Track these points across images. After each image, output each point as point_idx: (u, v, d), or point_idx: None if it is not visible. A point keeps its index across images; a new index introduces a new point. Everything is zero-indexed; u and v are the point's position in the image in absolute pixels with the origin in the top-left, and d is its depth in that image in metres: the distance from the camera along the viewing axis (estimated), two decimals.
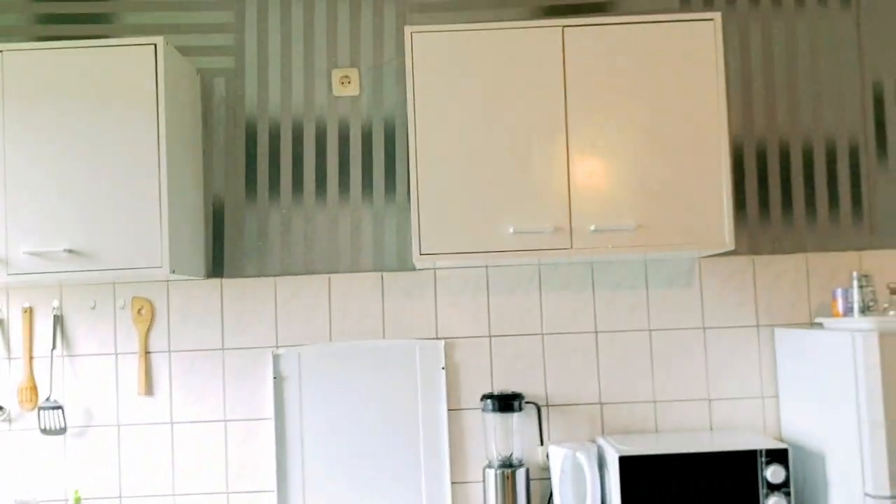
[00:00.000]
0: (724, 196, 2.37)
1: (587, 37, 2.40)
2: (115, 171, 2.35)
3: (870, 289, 2.37)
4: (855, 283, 2.38)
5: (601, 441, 2.57)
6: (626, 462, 2.32)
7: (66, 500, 2.65)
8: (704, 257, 2.71)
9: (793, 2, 2.77)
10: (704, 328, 2.72)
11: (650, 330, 2.72)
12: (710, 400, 2.70)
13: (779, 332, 2.64)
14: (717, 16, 2.40)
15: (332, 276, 2.72)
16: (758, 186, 2.74)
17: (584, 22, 2.40)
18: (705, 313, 2.72)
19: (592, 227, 2.37)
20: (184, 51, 2.75)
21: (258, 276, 2.72)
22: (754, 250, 2.73)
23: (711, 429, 2.69)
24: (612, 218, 2.38)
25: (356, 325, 2.71)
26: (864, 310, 2.36)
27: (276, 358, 2.68)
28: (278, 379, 2.68)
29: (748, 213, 2.73)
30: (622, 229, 2.37)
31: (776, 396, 2.68)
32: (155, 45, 2.36)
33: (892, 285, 2.36)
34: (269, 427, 2.67)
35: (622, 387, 2.70)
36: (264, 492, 2.67)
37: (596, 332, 2.72)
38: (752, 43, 2.76)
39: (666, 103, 2.40)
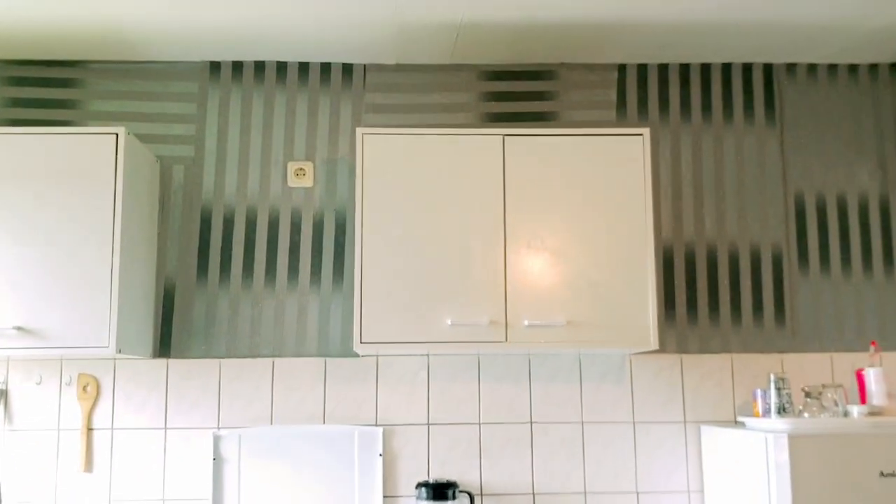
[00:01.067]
0: (650, 298, 2.52)
1: (526, 145, 2.57)
2: (70, 252, 2.43)
3: (786, 391, 2.50)
4: (772, 385, 2.51)
5: None
6: None
7: None
8: (635, 354, 2.84)
9: (721, 117, 2.98)
10: (634, 422, 2.82)
11: (583, 422, 2.82)
12: (638, 493, 2.78)
13: (704, 428, 2.75)
14: (646, 131, 2.59)
15: (277, 359, 2.80)
16: (686, 289, 2.89)
17: (523, 132, 2.58)
18: (635, 408, 2.83)
19: (526, 322, 2.49)
20: (145, 138, 2.88)
21: (204, 357, 2.79)
22: (682, 349, 2.86)
23: None
24: (545, 314, 2.51)
25: (297, 409, 2.78)
26: (780, 411, 2.49)
27: (216, 439, 2.73)
28: (218, 460, 2.72)
29: (677, 313, 2.88)
30: (554, 325, 2.50)
31: (701, 491, 2.78)
32: (116, 135, 2.48)
33: (806, 388, 2.49)
34: None
35: (555, 477, 2.78)
36: None
37: (531, 423, 2.81)
38: (683, 154, 2.96)
39: (598, 209, 2.56)
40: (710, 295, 2.90)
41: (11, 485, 2.69)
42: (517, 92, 2.97)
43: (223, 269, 2.84)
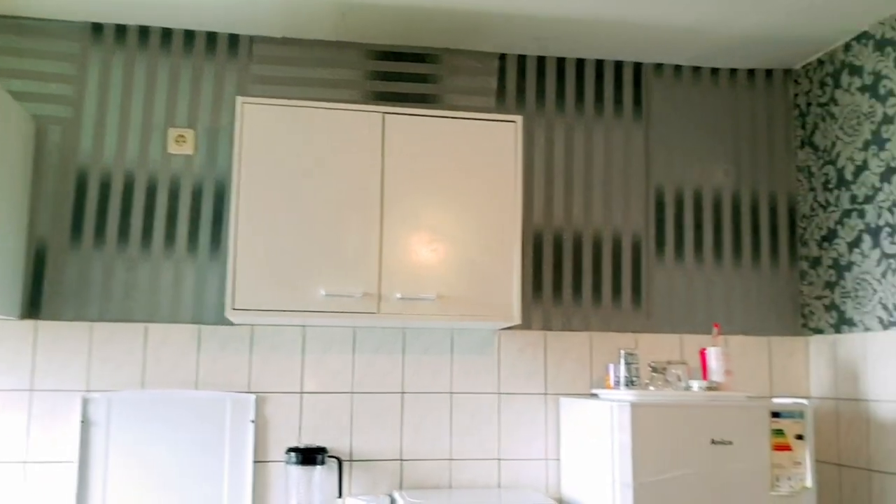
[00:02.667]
0: (515, 276, 2.66)
1: (405, 125, 2.67)
2: None
3: (635, 366, 2.70)
4: (622, 360, 2.71)
5: (396, 495, 2.75)
6: None
7: None
8: (503, 330, 2.99)
9: (593, 111, 3.16)
10: (500, 393, 2.98)
11: (451, 392, 2.95)
12: (500, 460, 2.94)
13: (562, 400, 2.93)
14: (519, 119, 2.73)
15: (150, 325, 2.81)
16: (553, 271, 3.06)
17: (403, 111, 2.67)
18: (501, 380, 2.99)
19: (398, 295, 2.60)
20: (21, 96, 2.82)
21: (75, 320, 2.77)
22: (547, 326, 3.04)
23: (500, 486, 2.92)
24: (417, 288, 2.62)
25: (170, 374, 2.80)
26: (628, 383, 2.68)
27: (85, 402, 2.72)
28: (86, 423, 2.72)
29: (544, 293, 3.05)
30: (425, 299, 2.61)
31: (558, 459, 2.96)
32: None
33: (652, 364, 2.70)
34: (71, 471, 2.69)
35: (422, 445, 2.91)
36: None
37: (402, 393, 2.93)
38: (556, 144, 3.12)
39: (472, 190, 2.69)
40: (574, 277, 3.08)
41: None
42: (402, 73, 3.07)
43: (98, 233, 2.82)
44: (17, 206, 2.68)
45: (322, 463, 2.73)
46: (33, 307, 2.76)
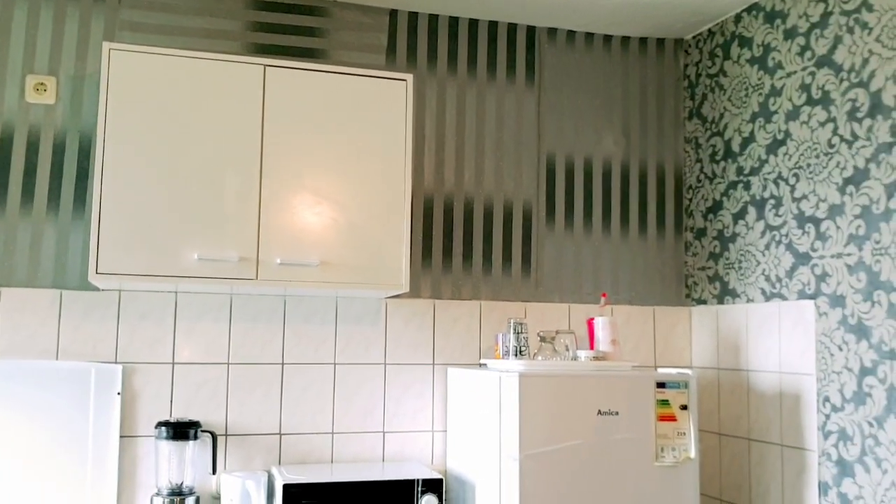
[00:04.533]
0: (404, 243, 2.56)
1: (288, 79, 2.51)
2: None
3: (524, 335, 2.65)
4: (511, 329, 2.66)
5: (274, 470, 2.62)
6: (289, 490, 2.39)
7: None
8: (390, 298, 2.89)
9: (485, 74, 3.08)
10: (385, 364, 2.88)
11: (335, 364, 2.84)
12: (384, 433, 2.85)
13: (451, 370, 2.87)
14: (410, 77, 2.61)
15: (4, 289, 2.56)
16: (443, 238, 2.98)
17: (286, 64, 2.51)
18: (388, 351, 2.89)
19: (279, 260, 2.45)
20: None
21: None
22: (436, 295, 2.95)
23: (384, 460, 2.84)
24: (299, 253, 2.48)
25: (27, 343, 2.56)
26: (517, 353, 2.64)
27: None
28: None
29: (433, 261, 2.96)
30: (307, 265, 2.48)
31: (445, 431, 2.90)
32: None
33: (541, 333, 2.66)
34: None
35: (304, 418, 2.78)
36: None
37: (282, 364, 2.79)
38: (448, 107, 3.02)
39: (359, 152, 2.56)
40: (464, 245, 3.00)
41: None
42: (286, 25, 2.89)
43: None
44: None
45: (195, 438, 2.57)
46: None
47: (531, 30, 3.14)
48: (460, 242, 3.00)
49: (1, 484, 2.48)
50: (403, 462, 2.82)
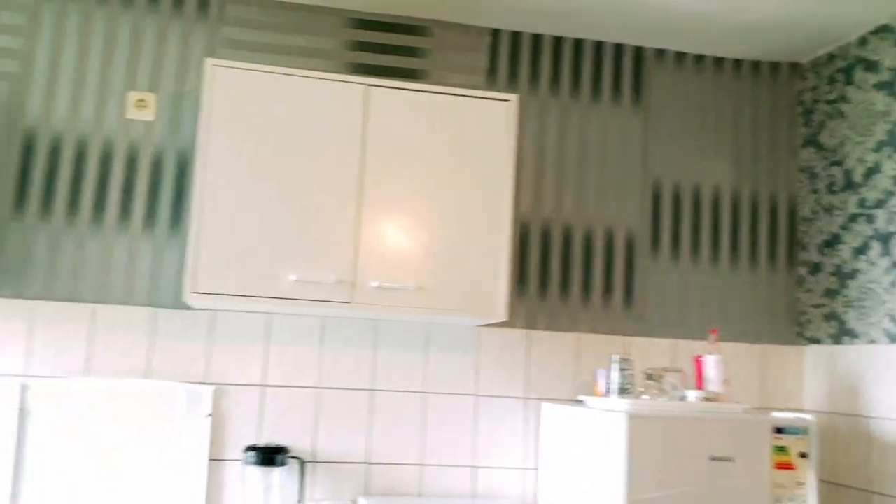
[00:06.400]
0: (502, 270, 2.45)
1: (391, 99, 2.44)
2: None
3: (628, 372, 2.50)
4: (615, 366, 2.51)
5: (362, 502, 2.53)
6: None
7: None
8: (483, 326, 2.78)
9: (589, 95, 2.95)
10: (477, 395, 2.77)
11: (425, 392, 2.73)
12: (475, 467, 2.73)
13: (545, 406, 2.73)
14: (514, 98, 2.51)
15: (99, 306, 2.55)
16: (540, 266, 2.85)
17: (389, 84, 2.44)
18: (479, 381, 2.77)
19: (375, 284, 2.37)
20: None
21: (15, 297, 2.50)
22: (531, 325, 2.83)
23: (473, 496, 2.72)
24: (395, 277, 2.39)
25: (119, 361, 2.54)
26: (621, 391, 2.49)
27: (23, 389, 2.46)
28: (23, 412, 2.45)
29: (529, 289, 2.84)
30: (403, 289, 2.39)
31: (536, 468, 2.76)
32: None
33: (647, 371, 2.50)
34: (5, 464, 2.43)
35: (391, 447, 2.68)
36: None
37: (372, 391, 2.70)
38: (549, 128, 2.91)
39: (459, 174, 2.47)
40: (562, 273, 2.87)
41: None
42: (386, 45, 2.83)
43: (45, 202, 2.55)
44: None
45: (283, 464, 2.50)
46: None
47: (639, 50, 3.01)
48: (558, 271, 2.87)
49: (89, 502, 2.45)
50: (495, 499, 2.69)
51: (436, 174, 2.45)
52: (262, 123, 2.36)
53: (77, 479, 2.45)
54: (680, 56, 3.04)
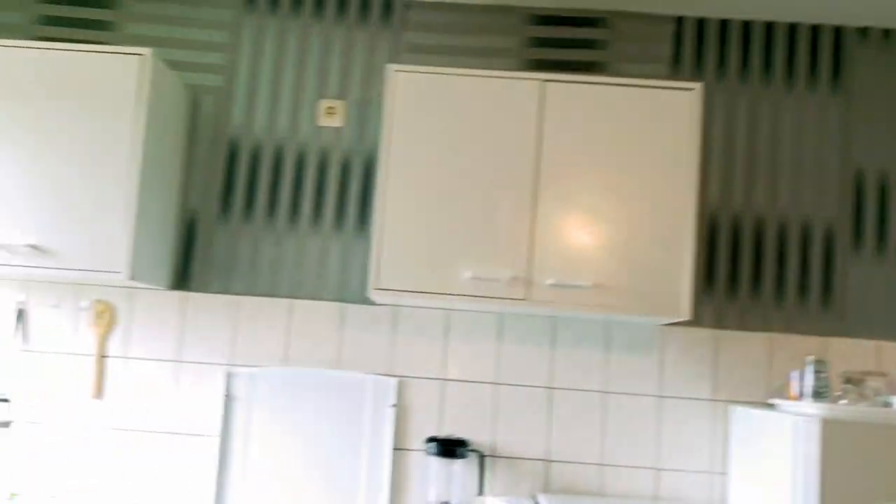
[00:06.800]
0: (686, 266, 2.36)
1: (567, 94, 2.42)
2: (88, 174, 2.37)
3: (824, 375, 2.33)
4: (810, 368, 2.34)
5: (541, 498, 2.53)
6: None
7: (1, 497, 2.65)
8: (667, 325, 2.69)
9: (782, 81, 2.78)
10: (661, 397, 2.69)
11: (605, 392, 2.69)
12: (658, 469, 2.66)
13: (734, 408, 2.60)
14: (699, 87, 2.41)
15: (294, 301, 2.72)
16: (729, 261, 2.72)
17: (566, 79, 2.43)
18: (663, 382, 2.69)
19: (550, 281, 2.36)
20: (176, 65, 2.80)
21: (222, 293, 2.73)
22: (719, 324, 2.70)
23: (656, 499, 2.64)
24: (572, 274, 2.37)
25: (311, 352, 2.70)
26: (816, 395, 2.32)
27: (229, 376, 2.68)
28: (229, 398, 2.67)
29: (717, 286, 2.71)
30: (580, 287, 2.37)
31: (724, 473, 2.64)
32: (142, 57, 2.40)
33: (847, 374, 2.32)
34: (213, 444, 2.66)
35: (570, 446, 2.67)
36: None
37: (550, 388, 2.70)
38: (738, 117, 2.77)
39: (640, 167, 2.40)
40: (753, 270, 2.72)
41: (21, 403, 2.68)
42: (564, 39, 2.81)
43: (247, 206, 2.76)
44: (171, 176, 2.66)
45: (463, 456, 2.55)
46: (182, 278, 2.74)
47: (838, 30, 2.79)
48: (749, 267, 2.72)
49: (279, 483, 2.63)
50: (679, 502, 2.60)
51: (615, 167, 2.41)
52: (440, 124, 2.42)
53: (274, 460, 2.64)
54: (887, 34, 2.79)
